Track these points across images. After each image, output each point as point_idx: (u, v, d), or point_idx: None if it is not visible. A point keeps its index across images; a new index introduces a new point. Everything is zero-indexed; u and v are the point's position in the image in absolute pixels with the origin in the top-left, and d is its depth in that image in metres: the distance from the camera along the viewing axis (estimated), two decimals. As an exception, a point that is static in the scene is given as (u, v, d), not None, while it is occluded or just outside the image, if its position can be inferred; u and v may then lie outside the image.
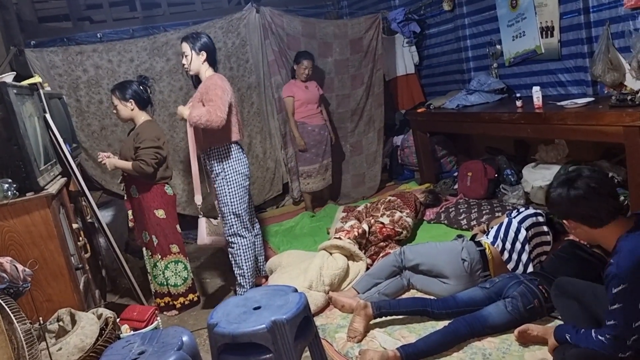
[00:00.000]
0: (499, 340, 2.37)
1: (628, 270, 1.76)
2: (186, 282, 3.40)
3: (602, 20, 3.85)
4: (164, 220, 3.32)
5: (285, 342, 1.78)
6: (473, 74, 5.24)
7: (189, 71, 3.19)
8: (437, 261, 2.83)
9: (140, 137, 3.20)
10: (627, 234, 1.85)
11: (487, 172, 4.50)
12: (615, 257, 1.82)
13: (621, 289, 1.77)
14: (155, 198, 3.28)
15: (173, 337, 1.92)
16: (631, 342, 1.78)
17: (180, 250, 3.39)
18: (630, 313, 1.78)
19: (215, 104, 3.00)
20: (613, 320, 1.82)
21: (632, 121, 2.98)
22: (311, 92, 4.84)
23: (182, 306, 3.38)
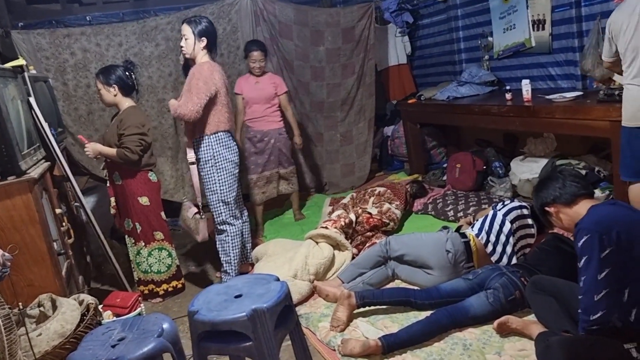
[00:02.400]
0: (480, 331, 2.39)
1: (591, 222, 1.88)
2: (170, 269, 3.39)
3: (593, 14, 3.86)
4: (148, 207, 3.29)
5: (265, 330, 1.78)
6: (465, 66, 5.24)
7: (186, 54, 3.16)
8: (422, 252, 2.84)
9: (124, 123, 3.16)
10: (594, 205, 2.00)
11: (475, 164, 4.51)
12: (582, 218, 1.94)
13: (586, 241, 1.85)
14: (139, 185, 3.25)
15: (154, 324, 1.92)
16: (595, 318, 1.81)
17: (164, 237, 3.37)
18: (591, 284, 1.82)
19: (190, 96, 3.01)
20: (581, 295, 1.88)
21: (618, 116, 2.98)
22: (262, 89, 4.17)
23: (166, 293, 3.37)
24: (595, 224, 1.87)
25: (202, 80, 3.02)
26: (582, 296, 1.87)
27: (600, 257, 1.81)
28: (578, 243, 1.89)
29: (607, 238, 1.81)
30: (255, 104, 4.16)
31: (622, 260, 1.82)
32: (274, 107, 4.23)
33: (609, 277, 1.81)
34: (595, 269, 1.82)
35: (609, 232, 1.82)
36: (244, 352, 1.83)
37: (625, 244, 1.82)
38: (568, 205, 2.08)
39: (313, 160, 5.37)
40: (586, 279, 1.85)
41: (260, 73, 4.20)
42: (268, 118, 4.20)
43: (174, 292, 3.41)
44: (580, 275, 1.89)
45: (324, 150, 5.39)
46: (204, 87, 3.03)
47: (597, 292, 1.82)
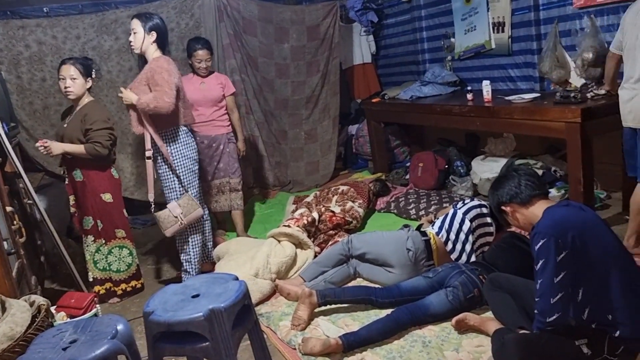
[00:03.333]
0: (439, 328, 2.42)
1: (547, 226, 1.91)
2: (130, 268, 3.31)
3: (551, 18, 3.96)
4: (111, 204, 3.21)
5: (222, 330, 1.75)
6: (428, 66, 5.31)
7: (135, 49, 3.09)
8: (383, 250, 2.86)
9: (90, 118, 3.06)
10: (549, 207, 2.03)
11: (437, 163, 4.56)
12: (538, 222, 1.98)
13: (542, 245, 1.88)
14: (102, 181, 3.17)
15: (107, 326, 1.86)
16: (551, 320, 1.85)
17: (126, 236, 3.30)
18: (548, 287, 1.86)
19: (162, 89, 2.94)
20: (537, 297, 1.92)
21: (573, 117, 3.08)
22: (207, 91, 3.84)
23: (124, 293, 3.29)
24: (551, 227, 1.90)
25: (167, 72, 2.97)
26: (539, 299, 1.90)
27: (556, 261, 1.85)
28: (535, 247, 1.92)
29: (563, 242, 1.85)
30: (201, 106, 3.79)
31: (577, 262, 1.86)
32: (221, 110, 3.92)
33: (565, 279, 1.85)
34: (551, 272, 1.86)
35: (565, 235, 1.86)
36: (200, 352, 1.80)
37: (579, 246, 1.86)
38: (524, 205, 2.12)
39: (277, 158, 5.34)
40: (543, 281, 1.89)
41: (206, 73, 3.88)
42: (216, 122, 3.87)
43: (133, 292, 3.33)
44: (537, 278, 1.92)
45: (288, 148, 5.36)
46: (170, 78, 2.98)
47: (554, 295, 1.85)
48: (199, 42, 3.84)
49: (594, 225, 1.98)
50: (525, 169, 2.29)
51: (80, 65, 3.13)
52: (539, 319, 1.92)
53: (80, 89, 3.14)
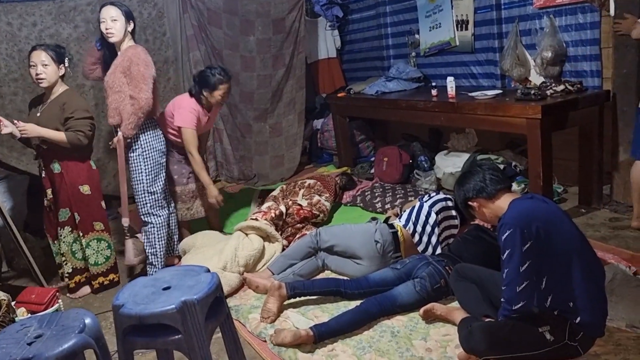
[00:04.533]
0: (407, 318, 2.46)
1: (512, 217, 1.97)
2: (108, 261, 3.24)
3: (512, 17, 4.07)
4: (89, 196, 3.12)
5: (195, 322, 1.73)
6: (392, 62, 5.36)
7: (115, 39, 2.99)
8: (352, 242, 2.89)
9: (69, 107, 2.95)
10: (514, 200, 2.10)
11: (402, 157, 4.63)
12: (504, 214, 2.03)
13: (508, 235, 1.93)
14: (80, 173, 3.08)
15: (74, 320, 1.80)
16: (517, 308, 1.92)
17: (104, 228, 3.21)
18: (514, 276, 1.92)
19: (137, 84, 2.90)
20: (504, 286, 1.98)
21: (533, 114, 3.18)
22: (211, 121, 3.71)
23: (101, 286, 3.22)
24: (517, 219, 1.96)
25: (144, 64, 2.93)
26: (505, 287, 1.96)
27: (522, 251, 1.91)
28: (501, 237, 1.97)
29: (528, 232, 1.91)
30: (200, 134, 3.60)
31: (541, 252, 1.93)
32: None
33: (530, 269, 1.91)
34: (517, 261, 1.92)
35: (529, 226, 1.92)
36: (172, 345, 1.77)
37: (543, 236, 1.93)
38: (490, 199, 2.16)
39: (242, 152, 5.30)
40: (509, 271, 1.94)
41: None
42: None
43: (110, 285, 3.25)
44: (503, 268, 1.98)
45: (252, 142, 5.33)
46: (147, 71, 2.93)
47: (519, 284, 1.91)
48: (223, 73, 3.42)
49: (557, 217, 2.06)
50: (489, 164, 2.36)
51: (52, 51, 2.99)
52: (505, 306, 1.99)
53: (52, 75, 2.99)
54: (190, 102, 3.42)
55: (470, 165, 2.37)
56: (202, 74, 3.46)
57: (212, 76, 3.37)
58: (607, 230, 3.19)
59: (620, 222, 3.28)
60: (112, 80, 2.99)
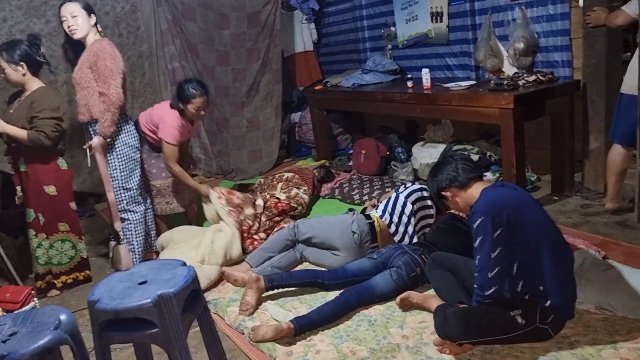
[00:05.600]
0: (384, 307, 2.50)
1: (483, 205, 2.02)
2: (72, 261, 3.20)
3: (485, 9, 4.12)
4: (55, 197, 3.07)
5: (172, 316, 1.74)
6: (369, 54, 5.38)
7: (78, 35, 2.95)
8: (329, 234, 2.91)
9: (37, 105, 2.89)
10: (486, 188, 2.14)
11: (379, 149, 4.66)
12: (476, 202, 2.08)
13: (480, 223, 1.98)
14: (47, 173, 3.02)
15: (49, 316, 1.79)
16: (489, 293, 1.97)
17: (70, 229, 3.17)
18: (486, 263, 1.98)
19: (106, 80, 2.87)
20: (476, 273, 2.03)
21: (506, 104, 3.23)
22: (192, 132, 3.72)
23: (64, 285, 3.18)
24: (488, 206, 2.01)
25: (110, 58, 2.89)
26: (478, 273, 2.01)
27: (493, 237, 1.96)
28: (473, 225, 2.02)
29: (499, 219, 1.96)
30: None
31: (512, 238, 1.97)
32: None
33: (501, 255, 1.96)
34: (488, 248, 1.97)
35: (500, 213, 1.97)
36: (149, 339, 1.78)
37: (513, 223, 1.98)
38: (462, 188, 2.22)
39: (219, 147, 5.28)
40: (481, 257, 1.99)
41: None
42: None
43: (75, 283, 3.22)
44: (475, 254, 2.03)
45: (230, 136, 5.31)
46: (114, 66, 2.90)
47: (491, 270, 1.97)
48: (198, 86, 3.35)
49: (527, 204, 2.11)
50: (460, 154, 2.40)
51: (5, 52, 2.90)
52: (478, 292, 2.03)
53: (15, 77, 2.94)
54: (174, 116, 3.35)
55: (443, 156, 2.40)
56: (179, 86, 3.43)
57: (186, 89, 3.32)
58: (578, 216, 3.27)
59: (591, 208, 3.36)
60: (80, 77, 2.95)
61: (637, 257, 2.63)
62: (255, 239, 3.45)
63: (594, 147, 3.53)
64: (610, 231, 2.99)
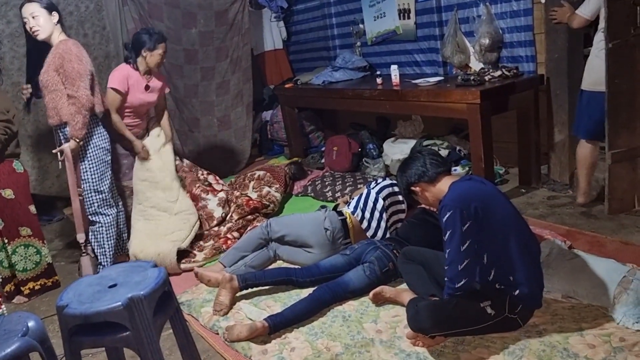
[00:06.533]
0: (358, 302, 2.52)
1: (452, 199, 2.05)
2: (39, 266, 3.14)
3: (451, 5, 4.17)
4: (13, 200, 3.00)
5: (143, 318, 1.72)
6: (338, 52, 5.40)
7: (41, 35, 2.89)
8: (302, 231, 2.92)
9: None
10: (454, 182, 2.17)
11: (351, 146, 4.69)
12: (444, 196, 2.11)
13: (449, 217, 2.01)
14: (1, 177, 2.96)
15: (17, 323, 1.76)
16: (460, 285, 2.01)
17: (32, 233, 3.10)
18: (455, 255, 2.01)
19: (73, 82, 2.82)
20: (446, 265, 2.06)
21: (473, 99, 3.29)
22: (151, 95, 3.50)
23: (32, 292, 3.12)
24: (456, 200, 2.04)
25: (76, 59, 2.84)
26: (448, 266, 2.04)
27: (462, 231, 1.99)
28: (442, 218, 2.05)
29: (467, 212, 2.00)
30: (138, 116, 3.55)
31: (480, 230, 2.01)
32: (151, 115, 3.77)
33: (470, 247, 2.00)
34: (458, 241, 2.00)
35: (468, 207, 2.01)
36: (121, 342, 1.76)
37: (481, 216, 2.02)
38: (431, 183, 2.23)
39: (190, 147, 5.22)
40: (450, 251, 2.03)
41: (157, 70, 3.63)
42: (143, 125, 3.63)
43: (43, 290, 3.16)
44: (445, 248, 2.06)
45: (201, 136, 5.26)
46: (81, 67, 2.85)
47: (461, 262, 2.00)
48: (159, 32, 3.43)
49: (494, 196, 2.16)
50: (428, 150, 2.43)
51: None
52: (448, 285, 2.07)
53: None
54: (123, 66, 3.42)
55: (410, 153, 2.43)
56: (138, 36, 3.42)
57: (150, 35, 3.36)
58: (545, 208, 3.35)
59: (557, 199, 3.44)
60: (47, 79, 2.89)
61: (601, 246, 2.71)
62: (228, 237, 3.44)
63: (558, 139, 3.62)
64: (575, 221, 3.07)
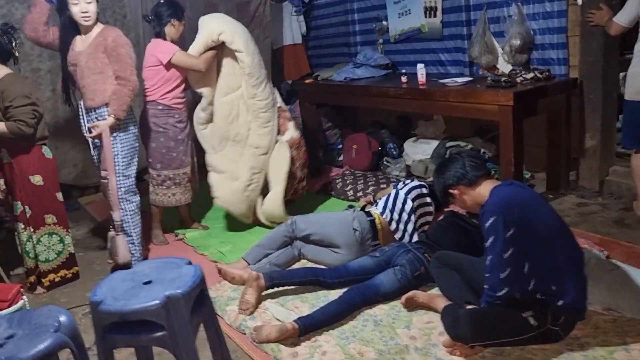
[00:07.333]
0: (389, 306, 2.45)
1: (495, 205, 1.99)
2: (60, 257, 3.07)
3: (480, 4, 4.09)
4: (41, 187, 2.94)
5: (180, 318, 1.65)
6: (359, 48, 5.32)
7: (89, 20, 2.87)
8: (329, 231, 2.85)
9: (8, 94, 2.74)
10: (495, 187, 2.10)
11: (371, 145, 4.61)
12: (486, 201, 2.05)
13: (492, 223, 1.95)
14: (31, 162, 2.89)
15: (47, 318, 1.69)
16: (501, 294, 1.94)
17: (57, 221, 3.03)
18: (498, 263, 1.94)
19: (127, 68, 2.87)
20: (487, 273, 1.99)
21: (506, 101, 3.21)
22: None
23: (52, 284, 3.05)
24: (499, 206, 1.98)
25: (128, 47, 2.92)
26: (489, 274, 1.98)
27: (505, 237, 1.93)
28: (484, 224, 1.98)
29: (511, 219, 1.93)
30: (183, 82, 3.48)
31: (524, 238, 1.94)
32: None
33: (513, 255, 1.93)
34: (500, 248, 1.93)
35: (512, 213, 1.94)
36: (156, 342, 1.69)
37: (525, 222, 1.95)
38: (470, 186, 2.17)
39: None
40: (492, 258, 1.96)
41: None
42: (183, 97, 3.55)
43: (62, 282, 3.09)
44: (486, 255, 1.99)
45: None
46: (131, 52, 2.92)
47: (503, 271, 1.93)
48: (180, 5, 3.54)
49: (536, 202, 2.09)
50: (468, 151, 2.37)
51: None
52: (489, 293, 2.00)
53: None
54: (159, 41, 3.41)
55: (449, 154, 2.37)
56: (162, 7, 3.41)
57: (175, 5, 3.42)
58: (575, 215, 3.27)
59: (587, 207, 3.37)
60: (92, 61, 2.87)
61: (638, 256, 2.64)
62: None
63: (589, 145, 3.54)
64: (609, 230, 3.00)
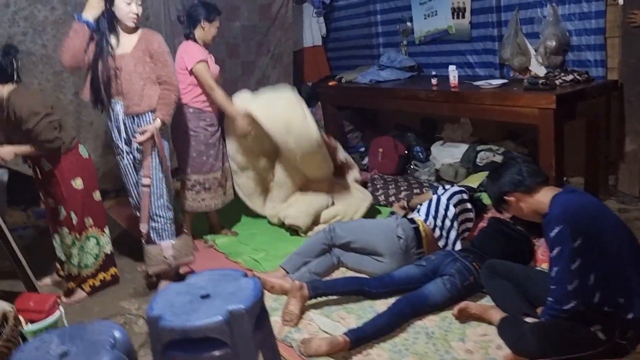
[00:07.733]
0: (439, 318, 2.36)
1: (561, 213, 1.90)
2: (97, 259, 3.00)
3: (511, 5, 4.00)
4: (82, 191, 2.88)
5: (243, 334, 1.57)
6: (382, 50, 5.24)
7: (136, 22, 2.78)
8: (372, 238, 2.76)
9: (20, 115, 2.63)
10: (557, 194, 2.00)
11: (397, 148, 4.53)
12: (549, 209, 1.96)
13: (557, 232, 1.87)
14: (71, 166, 2.83)
15: (100, 333, 1.61)
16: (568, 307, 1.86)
17: (94, 223, 2.96)
18: (564, 275, 1.86)
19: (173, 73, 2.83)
20: (553, 285, 1.91)
21: (547, 104, 3.12)
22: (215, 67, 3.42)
23: (93, 289, 2.98)
24: (565, 214, 1.89)
25: (168, 50, 2.85)
26: (555, 286, 1.89)
27: (572, 248, 1.84)
28: (549, 234, 1.90)
29: (578, 228, 1.85)
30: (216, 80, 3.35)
31: (591, 248, 1.86)
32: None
33: (581, 266, 1.85)
34: (568, 259, 1.85)
35: (579, 222, 1.86)
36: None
37: (592, 232, 1.87)
38: (528, 193, 2.08)
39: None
40: (559, 270, 1.88)
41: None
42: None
43: (103, 285, 3.02)
44: (552, 266, 1.91)
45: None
46: (171, 57, 2.86)
47: (570, 282, 1.85)
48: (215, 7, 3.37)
49: (602, 210, 2.01)
50: (523, 157, 2.28)
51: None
52: (553, 306, 1.91)
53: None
54: (188, 42, 3.34)
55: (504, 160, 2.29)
56: (195, 8, 3.33)
57: (208, 6, 3.31)
58: (618, 221, 3.18)
59: (629, 213, 3.28)
60: (141, 66, 2.76)
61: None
62: None
63: (629, 149, 3.45)
64: (654, 237, 2.91)
